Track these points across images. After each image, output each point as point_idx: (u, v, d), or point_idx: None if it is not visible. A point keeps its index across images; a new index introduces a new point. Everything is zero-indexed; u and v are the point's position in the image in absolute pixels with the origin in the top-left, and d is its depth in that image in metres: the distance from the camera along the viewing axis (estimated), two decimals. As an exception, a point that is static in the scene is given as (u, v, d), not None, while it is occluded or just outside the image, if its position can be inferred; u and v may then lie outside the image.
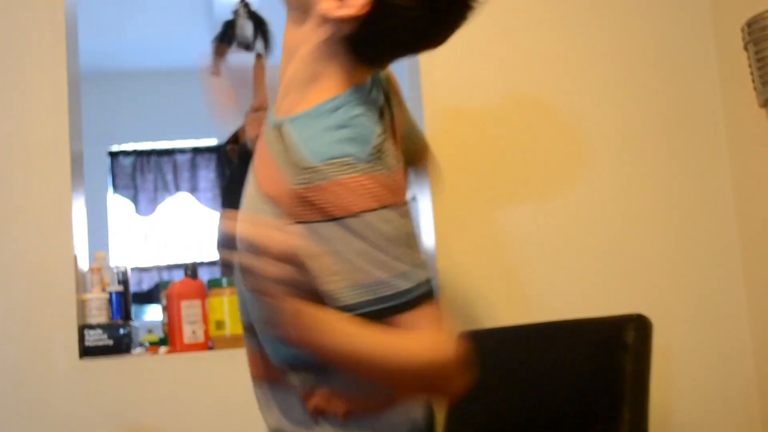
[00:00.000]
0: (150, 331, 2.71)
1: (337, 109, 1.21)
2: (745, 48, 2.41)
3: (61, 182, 2.47)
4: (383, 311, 1.12)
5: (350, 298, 1.12)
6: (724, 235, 2.68)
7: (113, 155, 5.69)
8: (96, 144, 5.45)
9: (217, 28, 3.39)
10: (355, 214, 1.11)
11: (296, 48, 1.26)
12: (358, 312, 1.11)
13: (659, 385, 2.58)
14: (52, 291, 2.43)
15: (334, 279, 1.12)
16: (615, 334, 1.65)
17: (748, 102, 2.48)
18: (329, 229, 1.12)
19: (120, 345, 2.43)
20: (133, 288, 2.86)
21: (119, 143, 5.67)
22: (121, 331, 2.44)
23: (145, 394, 2.44)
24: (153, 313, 3.17)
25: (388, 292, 1.11)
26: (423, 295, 1.13)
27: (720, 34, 2.69)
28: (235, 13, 3.22)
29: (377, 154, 1.15)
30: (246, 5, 3.16)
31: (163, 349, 2.58)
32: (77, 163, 2.52)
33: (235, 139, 3.27)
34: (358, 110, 1.21)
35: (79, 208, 2.50)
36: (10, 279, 2.42)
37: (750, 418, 2.63)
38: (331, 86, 1.23)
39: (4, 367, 2.38)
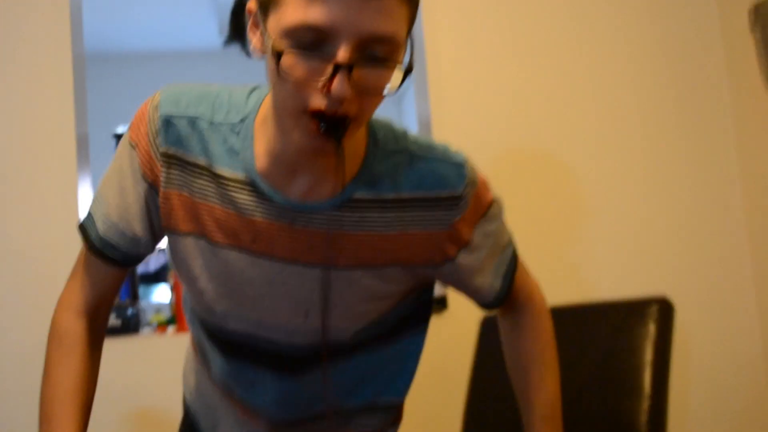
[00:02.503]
0: (158, 311, 2.73)
1: (396, 133, 1.19)
2: (752, 32, 2.40)
3: (67, 164, 2.49)
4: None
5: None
6: (732, 220, 2.69)
7: (119, 137, 5.69)
8: (101, 126, 5.46)
9: (222, 11, 3.39)
10: (490, 202, 1.23)
11: None
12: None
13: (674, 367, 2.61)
14: (60, 274, 2.44)
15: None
16: (638, 316, 1.65)
17: (755, 86, 2.48)
18: (490, 225, 1.23)
19: (128, 325, 2.45)
20: (140, 268, 2.88)
21: (125, 125, 5.67)
22: (129, 311, 2.46)
23: (154, 374, 2.46)
24: (160, 294, 3.18)
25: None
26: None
27: (726, 18, 2.69)
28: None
29: None
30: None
31: (171, 328, 2.59)
32: (83, 145, 2.54)
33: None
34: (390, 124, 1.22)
35: (85, 190, 2.52)
36: (17, 261, 2.44)
37: (762, 399, 2.65)
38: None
39: (12, 350, 2.41)
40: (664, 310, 1.64)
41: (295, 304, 1.20)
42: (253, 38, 1.06)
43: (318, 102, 0.98)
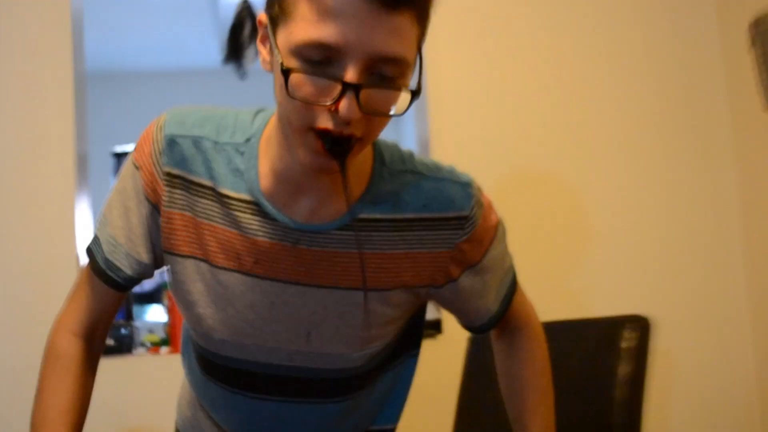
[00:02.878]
0: (151, 332, 2.72)
1: (394, 156, 1.18)
2: (751, 46, 2.41)
3: (66, 182, 2.49)
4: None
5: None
6: (729, 235, 2.69)
7: (118, 156, 5.70)
8: (100, 144, 5.46)
9: (223, 30, 3.41)
10: (496, 225, 1.23)
11: None
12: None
13: (659, 387, 2.60)
14: (56, 292, 2.42)
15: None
16: (610, 335, 1.63)
17: (754, 101, 2.49)
18: (495, 248, 1.23)
19: (122, 345, 2.45)
20: (134, 288, 2.86)
21: (124, 144, 5.68)
22: (123, 331, 2.45)
23: (147, 394, 2.45)
24: (154, 314, 3.17)
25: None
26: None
27: (725, 34, 2.70)
28: (238, 15, 3.23)
29: None
30: (248, 7, 3.17)
31: (164, 349, 2.58)
32: (82, 163, 2.54)
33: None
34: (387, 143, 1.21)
35: (83, 208, 2.52)
36: (14, 278, 2.43)
37: (750, 424, 2.64)
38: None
39: (7, 367, 2.40)
40: (641, 327, 1.63)
41: (296, 326, 1.18)
42: (263, 51, 1.05)
43: (325, 122, 0.97)
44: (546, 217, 2.65)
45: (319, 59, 0.94)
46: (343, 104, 0.94)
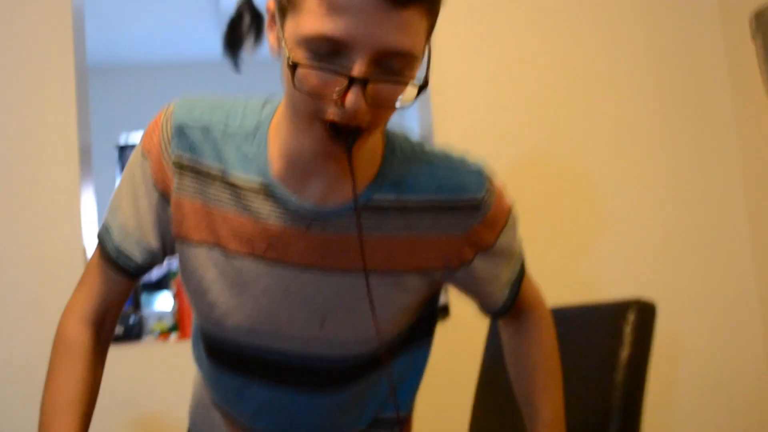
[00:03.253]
0: (160, 319, 2.73)
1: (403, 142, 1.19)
2: (753, 39, 2.41)
3: (70, 175, 2.50)
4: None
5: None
6: (734, 224, 2.70)
7: (121, 148, 5.71)
8: (104, 136, 5.47)
9: (225, 22, 3.42)
10: (508, 210, 1.24)
11: None
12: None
13: (666, 371, 2.61)
14: (62, 283, 2.45)
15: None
16: (614, 319, 1.63)
17: (757, 93, 2.49)
18: (507, 234, 1.24)
19: (130, 333, 2.46)
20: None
21: (127, 135, 5.70)
22: (132, 319, 2.46)
23: (156, 381, 2.47)
24: (163, 302, 3.19)
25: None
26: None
27: (727, 26, 2.70)
28: (238, 8, 3.23)
29: None
30: (248, 0, 3.18)
31: (173, 336, 2.60)
32: (86, 155, 2.55)
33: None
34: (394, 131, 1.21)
35: (88, 200, 2.53)
36: (20, 271, 2.45)
37: (761, 411, 2.65)
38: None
39: (15, 359, 2.41)
40: (644, 311, 1.62)
41: (311, 312, 1.18)
42: (270, 36, 1.05)
43: (332, 113, 0.97)
44: (551, 205, 2.66)
45: (327, 52, 0.94)
46: (350, 98, 0.94)
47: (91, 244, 2.54)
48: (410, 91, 0.99)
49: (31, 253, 2.47)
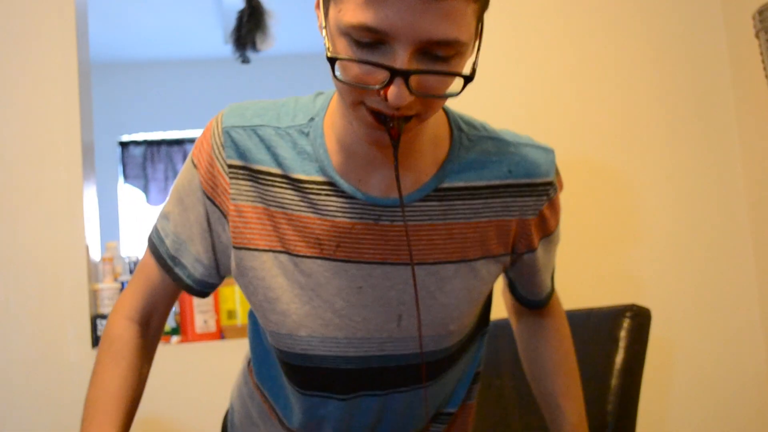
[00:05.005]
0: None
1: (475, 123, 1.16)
2: (757, 36, 2.40)
3: (73, 172, 2.48)
4: None
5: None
6: (736, 225, 2.68)
7: (124, 145, 5.71)
8: (106, 134, 5.47)
9: (227, 20, 3.41)
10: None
11: None
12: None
13: (662, 376, 2.59)
14: (65, 281, 2.44)
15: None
16: (609, 325, 1.63)
17: (760, 90, 2.48)
18: (559, 222, 1.24)
19: (132, 334, 2.45)
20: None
21: (129, 133, 5.69)
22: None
23: (157, 383, 2.44)
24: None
25: None
26: None
27: (731, 23, 2.68)
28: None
29: None
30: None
31: (175, 338, 2.59)
32: (88, 153, 2.54)
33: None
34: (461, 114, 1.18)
35: (90, 198, 2.52)
36: (22, 270, 2.44)
37: (760, 419, 2.63)
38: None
39: (17, 358, 2.40)
40: (639, 317, 1.62)
41: (386, 311, 1.13)
42: (319, 16, 1.00)
43: (376, 103, 0.94)
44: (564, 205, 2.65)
45: (369, 41, 0.90)
46: (392, 90, 0.90)
47: (93, 244, 2.52)
48: (458, 82, 0.94)
49: (33, 250, 2.45)
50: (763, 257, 2.62)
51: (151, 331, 1.23)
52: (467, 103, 2.64)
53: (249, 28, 3.03)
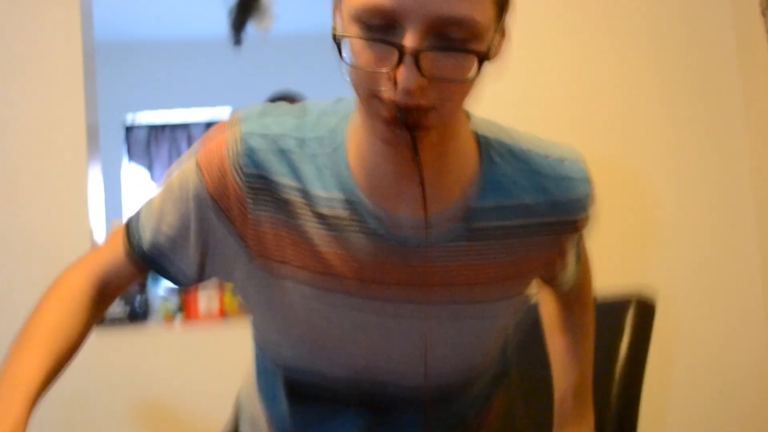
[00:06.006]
0: (165, 300, 2.73)
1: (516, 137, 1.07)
2: (763, 14, 2.38)
3: (77, 154, 2.49)
4: None
5: None
6: (741, 218, 2.68)
7: (128, 126, 5.71)
8: (111, 114, 5.46)
9: (231, 1, 3.40)
10: None
11: None
12: None
13: (666, 365, 2.60)
14: (70, 260, 2.45)
15: None
16: (614, 315, 1.61)
17: (766, 69, 2.47)
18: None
19: (136, 315, 2.46)
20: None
21: (134, 113, 5.69)
22: (137, 300, 2.46)
23: (162, 364, 2.47)
24: (168, 284, 3.19)
25: None
26: None
27: (737, 1, 2.67)
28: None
29: None
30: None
31: (178, 318, 2.60)
32: (93, 135, 2.54)
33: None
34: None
35: (95, 179, 2.52)
36: (28, 249, 2.45)
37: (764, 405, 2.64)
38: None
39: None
40: (643, 306, 1.61)
41: (411, 348, 1.07)
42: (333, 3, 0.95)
43: (388, 92, 0.87)
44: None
45: (379, 24, 0.85)
46: (402, 71, 0.84)
47: (98, 224, 2.53)
48: (474, 64, 0.87)
49: (38, 233, 2.46)
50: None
51: (106, 296, 1.17)
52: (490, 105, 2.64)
53: (243, 8, 3.01)
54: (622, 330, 1.59)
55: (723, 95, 2.70)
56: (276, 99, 3.28)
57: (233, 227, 1.05)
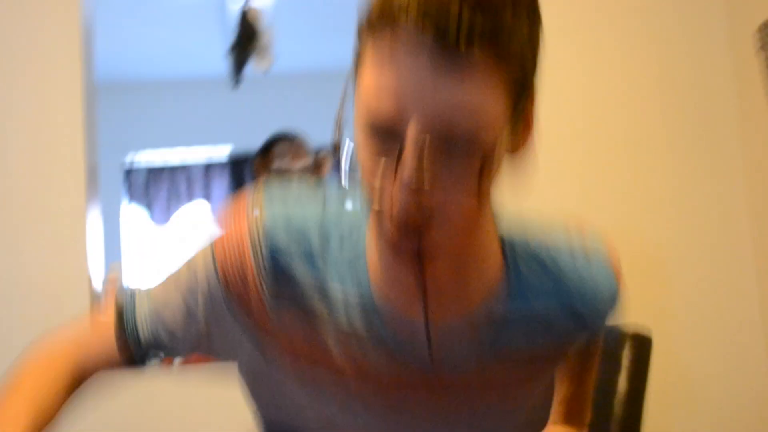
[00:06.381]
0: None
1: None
2: (760, 51, 2.39)
3: (77, 193, 2.48)
4: None
5: None
6: (737, 243, 2.67)
7: (128, 166, 5.72)
8: (110, 155, 5.47)
9: (230, 38, 3.42)
10: None
11: None
12: None
13: (660, 401, 2.57)
14: (68, 303, 2.44)
15: None
16: (611, 351, 1.59)
17: (763, 106, 2.47)
18: None
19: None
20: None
21: (133, 153, 5.70)
22: (137, 342, 2.44)
23: (160, 406, 2.44)
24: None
25: None
26: None
27: (734, 38, 2.68)
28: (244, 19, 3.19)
29: None
30: (245, 13, 3.14)
31: (177, 361, 2.58)
32: (92, 176, 2.53)
33: (264, 153, 3.28)
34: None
35: (94, 221, 2.51)
36: (26, 291, 2.43)
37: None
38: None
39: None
40: (638, 346, 1.60)
41: None
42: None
43: (390, 200, 0.81)
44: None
45: (383, 126, 0.80)
46: (400, 177, 0.79)
47: (97, 266, 2.51)
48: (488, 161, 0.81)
49: (37, 274, 2.45)
50: (766, 276, 2.61)
51: (79, 387, 1.12)
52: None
53: (242, 48, 3.01)
54: (619, 365, 1.58)
55: (719, 122, 2.70)
56: (276, 138, 3.28)
57: (248, 318, 1.01)
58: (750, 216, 2.66)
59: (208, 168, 5.72)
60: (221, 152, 5.67)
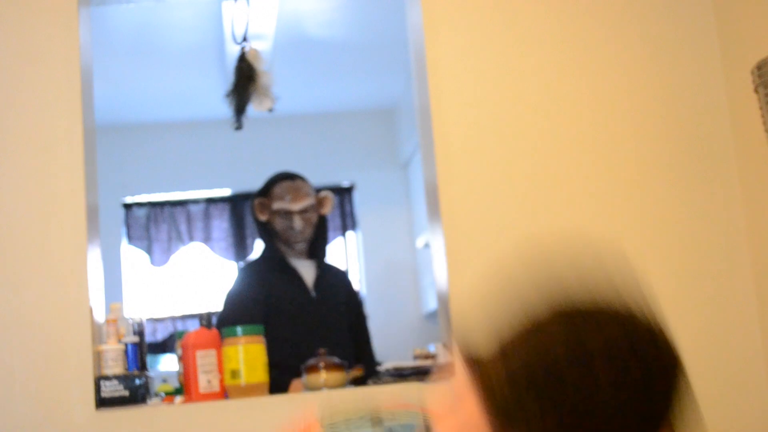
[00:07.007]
0: (165, 381, 2.71)
1: None
2: (756, 91, 2.40)
3: (77, 234, 2.49)
4: None
5: None
6: (738, 277, 2.67)
7: (127, 206, 5.73)
8: (110, 195, 5.49)
9: (230, 80, 3.45)
10: None
11: None
12: None
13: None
14: (69, 342, 2.44)
15: None
16: None
17: (760, 145, 2.48)
18: None
19: (136, 395, 2.44)
20: (147, 338, 2.87)
21: (133, 195, 5.72)
22: (137, 381, 2.44)
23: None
24: (168, 363, 3.16)
25: None
26: None
27: (730, 77, 2.70)
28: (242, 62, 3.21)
29: None
30: (243, 56, 3.16)
31: (178, 398, 2.58)
32: (93, 215, 2.55)
33: (265, 193, 3.29)
34: None
35: (94, 259, 2.52)
36: (27, 330, 2.44)
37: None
38: None
39: (21, 419, 2.39)
40: None
41: None
42: None
43: None
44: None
45: None
46: None
47: (97, 303, 2.52)
48: None
49: (37, 311, 2.45)
50: (766, 308, 2.61)
51: None
52: (477, 166, 2.66)
53: (242, 89, 3.04)
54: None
55: (717, 161, 2.72)
56: (276, 179, 3.30)
57: None
58: (750, 250, 2.67)
59: (208, 208, 5.73)
60: (221, 194, 5.70)
